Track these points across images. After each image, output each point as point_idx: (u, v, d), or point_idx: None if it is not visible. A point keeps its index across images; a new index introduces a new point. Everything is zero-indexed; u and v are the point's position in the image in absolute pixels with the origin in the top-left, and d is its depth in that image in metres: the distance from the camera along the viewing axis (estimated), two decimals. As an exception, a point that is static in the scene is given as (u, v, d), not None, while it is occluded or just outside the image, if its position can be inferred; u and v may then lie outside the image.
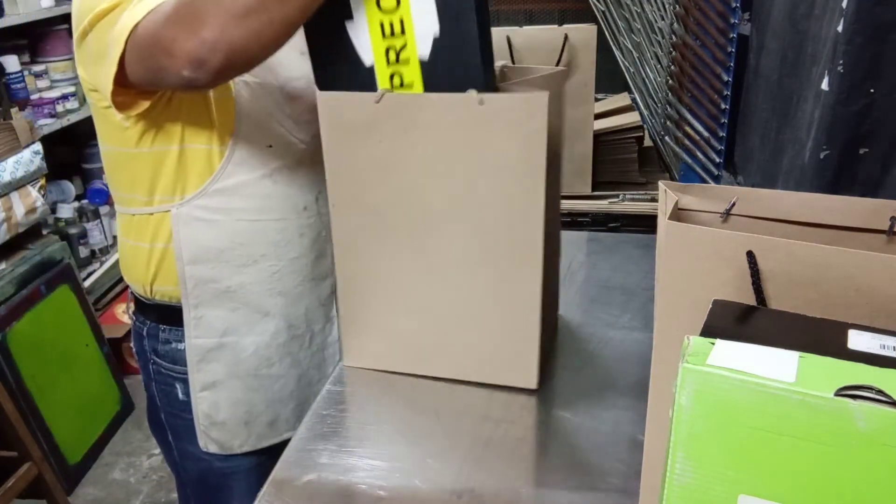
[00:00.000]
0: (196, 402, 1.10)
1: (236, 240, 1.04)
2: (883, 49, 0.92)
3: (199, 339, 1.07)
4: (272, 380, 1.12)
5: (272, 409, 1.13)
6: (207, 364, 1.09)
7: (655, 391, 0.66)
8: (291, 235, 1.08)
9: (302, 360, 1.15)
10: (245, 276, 1.06)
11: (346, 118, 0.89)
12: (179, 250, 1.03)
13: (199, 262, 1.04)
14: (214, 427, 1.11)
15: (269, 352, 1.11)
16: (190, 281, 1.04)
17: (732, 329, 0.53)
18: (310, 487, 0.82)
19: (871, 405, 0.39)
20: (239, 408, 1.11)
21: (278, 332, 1.11)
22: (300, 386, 1.15)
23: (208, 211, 1.02)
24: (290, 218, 1.07)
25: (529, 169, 0.86)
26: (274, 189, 1.04)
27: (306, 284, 1.12)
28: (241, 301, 1.07)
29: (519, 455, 0.87)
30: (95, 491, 2.23)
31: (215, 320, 1.07)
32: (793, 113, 1.16)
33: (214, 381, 1.09)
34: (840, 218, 0.63)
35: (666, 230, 0.60)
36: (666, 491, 0.45)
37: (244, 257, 1.05)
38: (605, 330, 1.14)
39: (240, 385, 1.10)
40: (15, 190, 2.19)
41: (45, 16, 2.65)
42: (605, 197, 1.89)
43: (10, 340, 2.05)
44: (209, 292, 1.06)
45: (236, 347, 1.09)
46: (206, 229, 1.02)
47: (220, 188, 1.01)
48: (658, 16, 1.77)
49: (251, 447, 1.13)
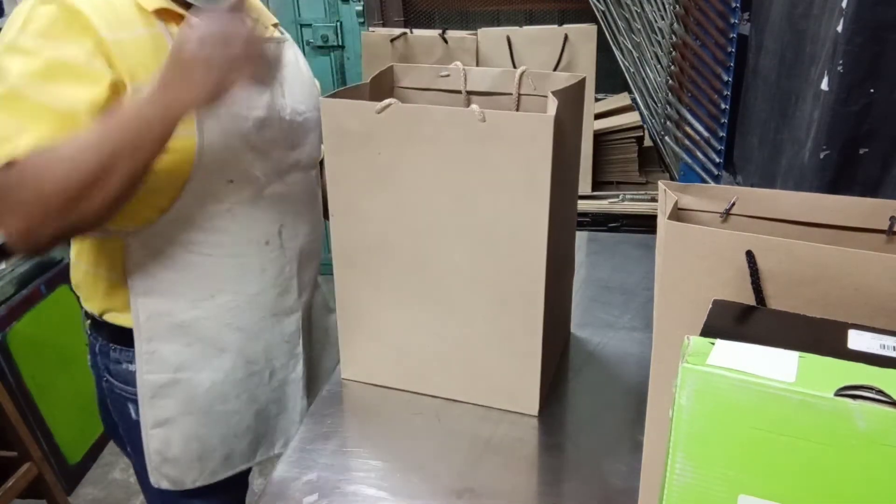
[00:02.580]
0: (147, 439, 1.05)
1: (191, 273, 0.99)
2: (883, 49, 0.92)
3: (152, 374, 1.02)
4: (228, 415, 1.07)
5: (227, 444, 1.08)
6: (160, 400, 1.03)
7: (655, 391, 0.66)
8: (251, 271, 1.03)
9: (260, 396, 1.10)
10: (200, 310, 1.01)
11: (346, 126, 0.88)
12: (132, 281, 0.98)
13: (151, 293, 0.99)
14: (166, 463, 1.06)
15: (226, 388, 1.06)
16: (143, 313, 0.99)
17: (732, 329, 0.53)
18: (310, 487, 0.82)
19: (871, 405, 0.39)
20: (192, 444, 1.06)
21: (235, 368, 1.06)
22: (258, 420, 1.11)
23: (163, 241, 0.97)
24: (250, 253, 1.02)
25: (533, 190, 0.82)
26: (232, 223, 0.99)
27: (267, 321, 1.07)
28: (195, 336, 1.02)
29: (519, 455, 0.87)
30: (95, 491, 2.23)
31: (169, 355, 1.02)
32: (792, 113, 1.16)
33: (167, 417, 1.04)
34: (840, 218, 0.63)
35: (666, 230, 0.60)
36: (666, 491, 0.45)
37: (199, 291, 1.01)
38: (605, 330, 1.14)
39: (193, 421, 1.05)
40: (15, 190, 2.19)
41: (44, 16, 2.65)
42: (605, 197, 1.89)
43: (10, 340, 2.05)
44: (163, 325, 1.01)
45: (191, 383, 1.04)
46: (159, 261, 0.98)
47: (175, 219, 0.96)
48: (658, 16, 1.77)
49: (204, 482, 1.08)
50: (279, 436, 1.14)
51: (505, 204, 0.84)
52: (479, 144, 0.82)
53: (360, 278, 0.95)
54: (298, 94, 1.05)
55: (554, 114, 0.79)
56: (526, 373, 0.92)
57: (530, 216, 0.84)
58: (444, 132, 0.83)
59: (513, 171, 0.82)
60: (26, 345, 2.11)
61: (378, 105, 0.85)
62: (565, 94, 0.84)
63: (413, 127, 0.84)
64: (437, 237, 0.89)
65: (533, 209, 0.83)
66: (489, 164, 0.83)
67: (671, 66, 1.76)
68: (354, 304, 0.97)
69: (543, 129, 0.79)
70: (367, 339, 0.99)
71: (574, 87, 0.91)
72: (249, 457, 1.12)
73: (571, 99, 0.89)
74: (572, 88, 0.90)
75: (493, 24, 2.16)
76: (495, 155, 0.82)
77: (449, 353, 0.95)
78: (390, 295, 0.94)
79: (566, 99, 0.84)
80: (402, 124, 0.85)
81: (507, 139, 0.81)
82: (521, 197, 0.83)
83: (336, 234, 0.94)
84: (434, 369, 0.96)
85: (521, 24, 2.23)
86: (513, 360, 0.92)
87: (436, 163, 0.85)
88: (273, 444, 1.14)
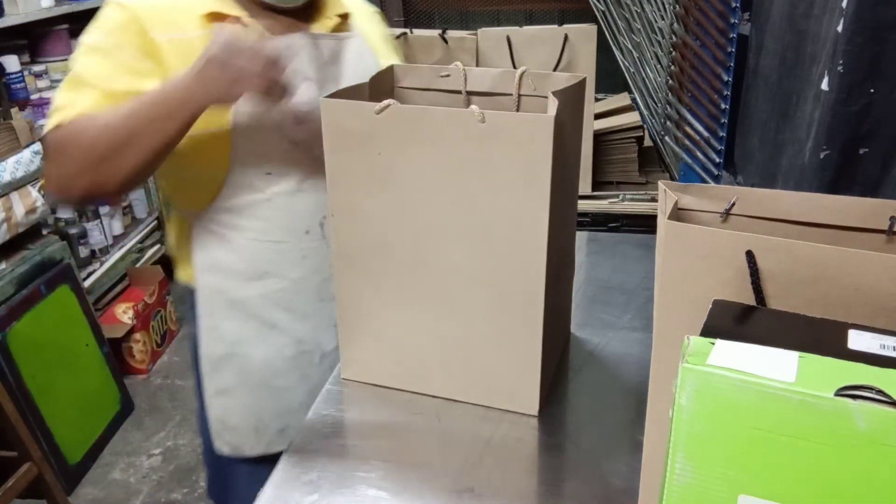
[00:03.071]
0: (209, 407, 1.14)
1: (241, 254, 1.08)
2: (883, 49, 0.92)
3: (211, 347, 1.12)
4: (281, 391, 1.14)
5: (282, 418, 1.15)
6: (219, 372, 1.13)
7: (655, 391, 0.66)
8: (292, 257, 1.09)
9: (311, 375, 1.15)
10: (251, 289, 1.09)
11: (346, 126, 0.87)
12: (195, 257, 1.09)
13: (210, 270, 1.09)
14: (227, 431, 1.15)
15: (278, 364, 1.13)
16: (204, 289, 1.10)
17: (732, 329, 0.53)
18: (310, 487, 0.82)
19: (871, 405, 0.39)
20: (249, 415, 1.14)
21: (286, 345, 1.13)
22: (311, 398, 1.14)
23: (219, 225, 1.07)
24: (291, 241, 1.09)
25: (533, 190, 0.82)
26: (273, 212, 1.07)
27: (314, 304, 1.13)
28: (249, 313, 1.10)
29: (519, 455, 0.87)
30: (95, 491, 2.23)
31: (227, 330, 1.11)
32: (792, 113, 1.16)
33: (226, 388, 1.13)
34: (840, 218, 0.63)
35: (666, 230, 0.60)
36: (666, 491, 0.45)
37: (249, 271, 1.09)
38: (605, 330, 1.14)
39: (249, 394, 1.13)
40: (15, 190, 2.19)
41: (45, 16, 2.64)
42: (605, 197, 1.90)
43: (10, 340, 2.05)
44: (221, 302, 1.10)
45: (246, 358, 1.12)
46: (216, 242, 1.08)
47: (227, 207, 1.06)
48: (658, 16, 1.77)
49: (262, 452, 1.15)
50: None
51: (505, 204, 0.84)
52: (479, 145, 0.82)
53: (360, 278, 0.95)
54: None
55: (554, 114, 0.79)
56: (526, 373, 0.92)
57: (530, 216, 0.83)
58: (443, 133, 0.83)
59: (513, 171, 0.82)
60: (26, 345, 2.11)
61: (377, 105, 0.85)
62: (565, 94, 0.84)
63: (413, 127, 0.84)
64: (437, 237, 0.89)
65: (533, 209, 0.83)
66: (489, 165, 0.83)
67: (671, 66, 1.76)
68: (355, 304, 0.97)
69: (543, 130, 0.79)
70: (368, 339, 0.99)
71: (574, 87, 0.91)
72: None
73: (572, 99, 0.89)
74: (573, 89, 0.89)
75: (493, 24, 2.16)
76: (495, 155, 0.82)
77: (449, 353, 0.94)
78: (390, 295, 0.94)
79: (566, 99, 0.84)
80: (402, 125, 0.85)
81: (507, 140, 0.81)
82: (521, 197, 0.83)
83: (336, 234, 0.94)
84: (434, 369, 0.96)
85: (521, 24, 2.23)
86: (513, 359, 0.91)
87: (436, 163, 0.85)
88: None
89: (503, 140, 0.81)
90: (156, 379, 2.78)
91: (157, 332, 2.89)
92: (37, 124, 2.47)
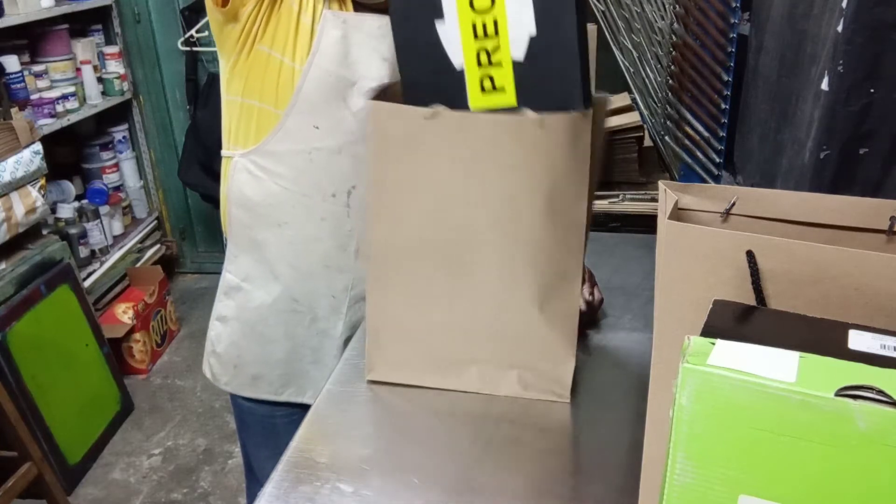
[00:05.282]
0: (210, 326, 1.24)
1: (269, 199, 1.13)
2: (883, 49, 0.92)
3: (229, 273, 1.20)
4: (264, 339, 1.20)
5: (257, 365, 1.22)
6: (226, 298, 1.21)
7: (655, 391, 0.66)
8: (313, 215, 1.14)
9: (297, 335, 1.20)
10: (270, 234, 1.15)
11: (394, 130, 0.88)
12: (230, 193, 1.16)
13: (240, 206, 1.15)
14: (212, 355, 1.25)
15: (268, 312, 1.19)
16: (235, 221, 1.17)
17: (733, 329, 0.53)
18: (310, 488, 0.82)
19: (872, 405, 0.39)
20: (232, 349, 1.22)
21: (280, 299, 1.18)
22: (291, 358, 1.22)
23: (256, 167, 1.13)
24: (316, 199, 1.13)
25: (573, 187, 0.86)
26: (309, 165, 1.11)
27: (318, 269, 1.16)
28: (262, 255, 1.17)
29: (519, 455, 0.87)
30: (95, 491, 2.23)
31: (243, 263, 1.19)
32: (792, 113, 1.16)
33: (225, 315, 1.22)
34: (840, 218, 0.63)
35: (666, 230, 0.60)
36: (666, 491, 0.45)
37: (272, 216, 1.14)
38: (605, 330, 1.14)
39: (238, 329, 1.21)
40: (15, 190, 2.19)
41: (45, 16, 2.64)
42: (605, 197, 1.89)
43: (10, 340, 2.05)
44: (245, 237, 1.17)
45: (247, 295, 1.19)
46: (250, 181, 1.13)
47: (270, 150, 1.11)
48: (658, 16, 1.77)
49: (233, 391, 1.24)
50: (310, 385, 1.22)
51: (547, 203, 0.86)
52: (532, 148, 0.85)
53: (393, 278, 0.95)
54: None
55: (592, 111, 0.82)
56: (560, 363, 0.94)
57: (571, 210, 0.87)
58: (494, 139, 0.85)
59: (558, 170, 0.85)
60: (26, 345, 2.11)
61: (426, 111, 0.86)
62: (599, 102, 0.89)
63: (463, 134, 0.86)
64: (477, 240, 0.91)
65: (574, 203, 0.87)
66: (537, 167, 0.85)
67: (671, 66, 1.76)
68: (385, 303, 0.97)
69: (584, 127, 0.83)
70: (398, 340, 0.98)
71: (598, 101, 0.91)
72: (278, 390, 1.23)
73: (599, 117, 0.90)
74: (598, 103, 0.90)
75: (493, 24, 2.15)
76: (543, 157, 0.85)
77: (484, 351, 0.96)
78: (424, 296, 0.95)
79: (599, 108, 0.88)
80: (452, 132, 0.86)
81: (556, 140, 0.83)
82: (563, 194, 0.86)
83: (372, 232, 0.94)
84: (467, 367, 0.97)
85: (521, 24, 2.22)
86: (549, 353, 0.94)
87: (482, 169, 0.87)
88: (304, 390, 1.23)
89: (552, 141, 0.84)
90: (156, 379, 2.78)
91: (157, 332, 2.89)
92: (37, 124, 2.47)
